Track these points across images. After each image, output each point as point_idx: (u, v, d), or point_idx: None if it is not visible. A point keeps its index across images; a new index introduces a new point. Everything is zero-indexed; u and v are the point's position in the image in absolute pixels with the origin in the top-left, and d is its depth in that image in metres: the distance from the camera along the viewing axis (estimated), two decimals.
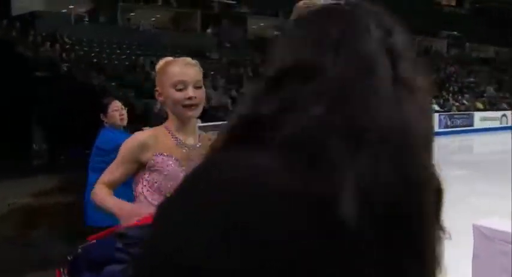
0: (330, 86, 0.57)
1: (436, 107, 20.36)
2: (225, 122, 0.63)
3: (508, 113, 23.69)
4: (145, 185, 1.88)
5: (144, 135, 1.93)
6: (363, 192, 0.52)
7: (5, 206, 6.70)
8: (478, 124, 21.60)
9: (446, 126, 20.03)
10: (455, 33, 36.86)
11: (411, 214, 0.57)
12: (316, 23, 0.65)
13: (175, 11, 27.04)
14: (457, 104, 23.77)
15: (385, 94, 0.57)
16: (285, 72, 0.61)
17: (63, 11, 22.36)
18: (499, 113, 23.51)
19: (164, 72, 1.89)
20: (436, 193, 0.62)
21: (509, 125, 22.29)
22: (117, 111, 3.59)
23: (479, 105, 24.91)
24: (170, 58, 1.99)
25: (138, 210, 1.75)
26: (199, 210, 0.54)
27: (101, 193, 1.93)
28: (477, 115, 22.11)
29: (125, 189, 3.37)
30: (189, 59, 1.95)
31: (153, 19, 25.66)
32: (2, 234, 5.75)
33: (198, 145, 1.94)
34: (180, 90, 1.84)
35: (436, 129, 16.02)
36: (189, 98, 1.84)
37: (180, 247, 0.53)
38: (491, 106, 26.00)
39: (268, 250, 0.50)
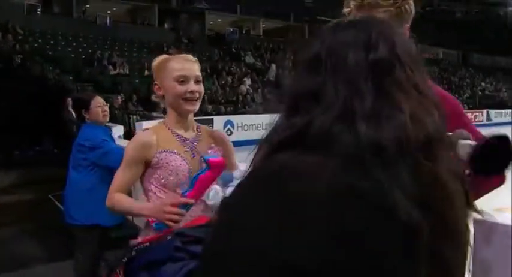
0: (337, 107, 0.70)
1: None
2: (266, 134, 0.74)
3: None
4: (152, 182, 1.89)
5: (145, 134, 1.94)
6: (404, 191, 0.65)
7: None
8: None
9: None
10: None
11: (443, 206, 0.69)
12: (311, 48, 0.78)
13: (132, 3, 26.53)
14: None
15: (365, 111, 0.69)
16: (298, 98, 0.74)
17: (15, 0, 21.51)
18: None
19: (165, 67, 1.92)
20: (461, 183, 0.74)
21: None
22: (100, 107, 3.46)
23: None
24: (166, 55, 2.04)
25: (164, 202, 1.75)
26: (296, 215, 0.62)
27: (117, 200, 1.90)
28: None
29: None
30: (189, 56, 1.99)
31: (109, 12, 25.06)
32: None
33: (199, 137, 1.98)
34: (181, 84, 1.88)
35: None
36: (191, 92, 1.89)
37: (279, 247, 0.61)
38: None
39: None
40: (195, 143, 1.95)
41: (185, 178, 1.84)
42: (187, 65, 1.91)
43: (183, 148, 1.91)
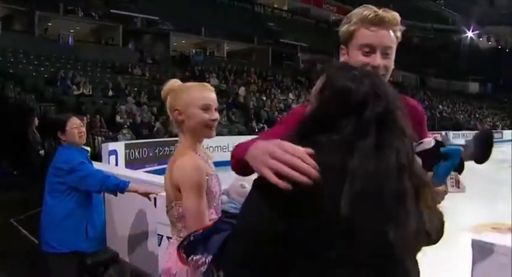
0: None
1: None
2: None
3: None
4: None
5: (198, 162, 1.94)
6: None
7: None
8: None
9: None
10: None
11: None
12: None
13: (96, 23, 26.30)
14: None
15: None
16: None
17: None
18: None
19: (189, 94, 2.01)
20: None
21: None
22: (76, 129, 3.35)
23: None
24: (178, 81, 2.12)
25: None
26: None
27: None
28: None
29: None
30: (208, 85, 2.11)
31: (72, 31, 24.74)
32: None
33: (206, 156, 2.08)
34: (205, 111, 1.98)
35: None
36: (214, 120, 2.00)
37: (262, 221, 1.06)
38: None
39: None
40: (209, 161, 2.06)
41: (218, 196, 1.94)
42: (211, 93, 2.03)
43: (210, 170, 2.00)
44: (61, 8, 24.14)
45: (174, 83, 2.09)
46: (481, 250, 1.71)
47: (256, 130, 18.69)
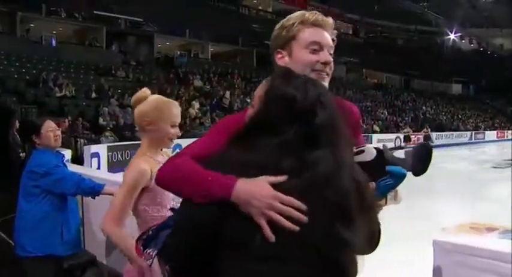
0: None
1: None
2: None
3: (400, 135, 25.74)
4: (146, 203, 2.16)
5: (143, 166, 2.16)
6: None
7: None
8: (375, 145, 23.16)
9: None
10: (352, 59, 39.09)
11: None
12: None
13: (79, 24, 26.08)
14: None
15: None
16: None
17: None
18: (393, 135, 25.51)
19: (164, 110, 2.28)
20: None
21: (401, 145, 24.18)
22: (52, 132, 3.31)
23: (376, 128, 26.74)
24: (149, 91, 2.34)
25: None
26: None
27: (123, 236, 2.12)
28: (374, 137, 23.68)
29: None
30: (177, 103, 2.41)
31: (55, 32, 24.50)
32: None
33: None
34: (173, 128, 2.30)
35: None
36: (177, 135, 2.34)
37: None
38: (386, 129, 28.01)
39: None
40: None
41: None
42: (179, 112, 2.35)
43: None
44: (43, 8, 23.87)
45: (146, 91, 2.32)
46: (440, 249, 1.82)
47: None
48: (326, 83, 1.51)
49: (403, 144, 24.62)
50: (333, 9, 42.76)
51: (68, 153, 9.22)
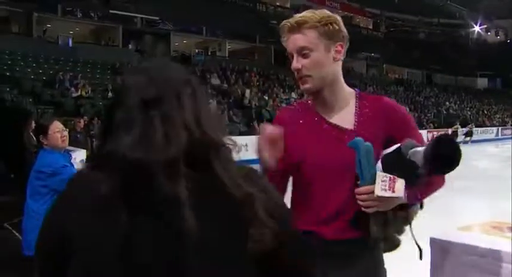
0: None
1: None
2: None
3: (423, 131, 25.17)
4: None
5: None
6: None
7: None
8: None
9: None
10: (372, 55, 38.50)
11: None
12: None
13: (95, 24, 26.05)
14: None
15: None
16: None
17: None
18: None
19: None
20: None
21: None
22: (59, 133, 3.44)
23: None
24: None
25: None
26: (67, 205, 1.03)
27: None
28: None
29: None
30: None
31: (71, 32, 24.50)
32: None
33: None
34: None
35: None
36: None
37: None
38: None
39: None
40: None
41: None
42: None
43: None
44: (59, 9, 23.95)
45: None
46: (437, 247, 1.85)
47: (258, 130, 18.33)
48: (309, 85, 1.56)
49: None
50: (352, 4, 42.20)
51: (83, 153, 9.09)
